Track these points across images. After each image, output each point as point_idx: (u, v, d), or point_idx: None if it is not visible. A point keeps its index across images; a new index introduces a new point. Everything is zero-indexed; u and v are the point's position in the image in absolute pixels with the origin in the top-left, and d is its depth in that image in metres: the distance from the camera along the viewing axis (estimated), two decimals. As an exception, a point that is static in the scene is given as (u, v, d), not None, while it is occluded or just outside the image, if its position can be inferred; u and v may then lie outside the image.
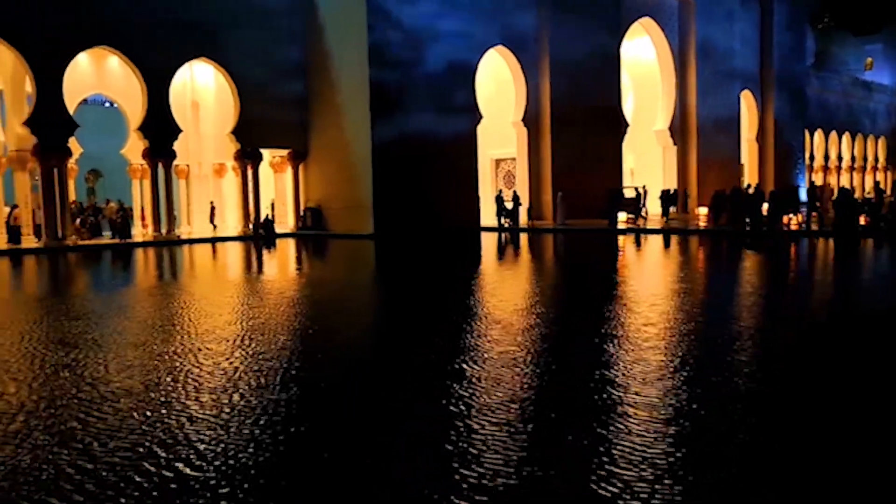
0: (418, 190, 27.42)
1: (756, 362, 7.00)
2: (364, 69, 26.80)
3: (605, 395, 5.67)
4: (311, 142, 29.82)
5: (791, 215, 25.64)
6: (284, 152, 30.18)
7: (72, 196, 27.67)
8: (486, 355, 7.18)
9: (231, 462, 4.41)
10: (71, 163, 26.35)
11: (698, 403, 5.46)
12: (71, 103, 24.80)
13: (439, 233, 26.01)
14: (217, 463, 4.39)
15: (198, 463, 4.39)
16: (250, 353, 7.55)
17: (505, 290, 12.64)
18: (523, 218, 30.58)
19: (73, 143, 25.15)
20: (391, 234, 26.03)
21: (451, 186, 28.35)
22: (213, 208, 31.41)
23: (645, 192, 31.52)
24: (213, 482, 4.11)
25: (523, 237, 26.49)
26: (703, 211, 29.27)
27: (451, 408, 5.46)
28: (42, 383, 6.50)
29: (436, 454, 4.51)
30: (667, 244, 22.12)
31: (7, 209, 26.77)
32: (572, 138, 31.51)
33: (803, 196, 34.83)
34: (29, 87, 23.91)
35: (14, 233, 24.89)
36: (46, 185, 23.98)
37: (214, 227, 30.71)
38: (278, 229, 29.28)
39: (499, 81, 32.33)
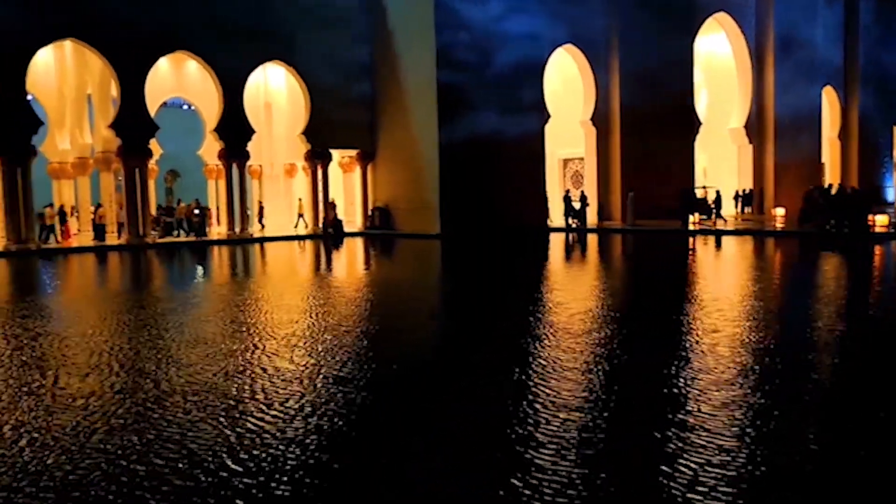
0: (485, 190, 27.39)
1: (838, 374, 6.68)
2: (431, 70, 26.95)
3: (664, 409, 5.51)
4: (379, 142, 30.18)
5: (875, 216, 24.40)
6: (353, 153, 30.66)
7: (152, 196, 28.73)
8: (547, 358, 7.08)
9: (275, 456, 4.49)
10: (151, 163, 27.42)
11: (767, 416, 5.25)
12: (152, 106, 25.83)
13: (506, 233, 25.91)
14: (263, 461, 4.48)
15: (255, 454, 4.49)
16: (313, 350, 7.68)
17: (571, 292, 12.47)
18: (592, 218, 30.15)
19: (153, 144, 26.17)
20: (458, 234, 26.08)
21: (518, 186, 28.21)
22: (261, 208, 32.41)
23: (718, 195, 30.55)
24: (261, 479, 4.19)
25: (592, 238, 26.09)
26: (781, 212, 28.18)
27: (505, 410, 5.41)
28: (119, 376, 6.78)
29: (483, 461, 4.47)
30: (742, 246, 21.40)
31: (92, 208, 28.13)
32: (642, 137, 30.90)
33: (890, 196, 33.13)
34: (114, 90, 25.02)
35: (99, 230, 26.13)
36: (129, 184, 25.06)
37: (262, 226, 31.37)
38: (347, 228, 29.75)
39: (567, 80, 31.98)
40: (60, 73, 28.67)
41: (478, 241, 24.58)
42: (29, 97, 23.67)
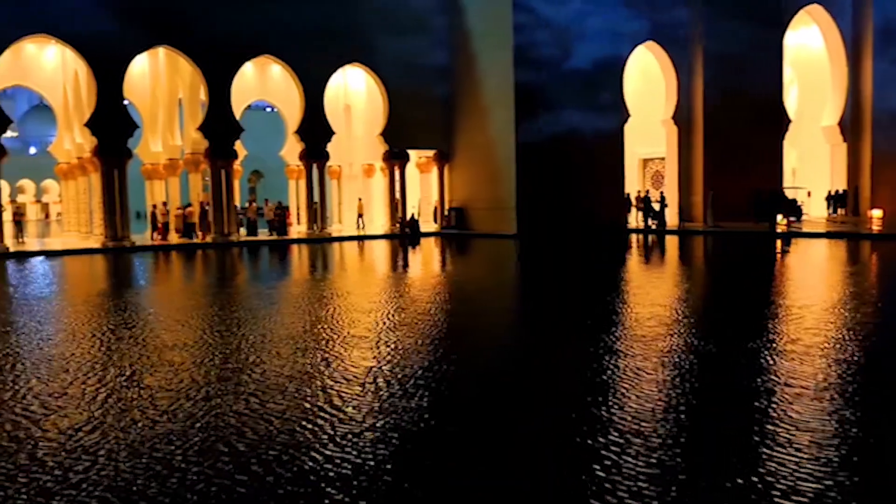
0: (562, 190, 27.10)
1: (942, 383, 6.25)
2: (509, 69, 26.87)
3: (743, 423, 5.28)
4: (456, 143, 30.30)
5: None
6: (430, 153, 30.89)
7: (236, 196, 29.72)
8: (622, 366, 6.92)
9: (346, 453, 4.54)
10: (236, 164, 28.39)
11: (858, 428, 4.96)
12: (237, 109, 26.76)
13: (583, 233, 25.56)
14: (337, 456, 4.54)
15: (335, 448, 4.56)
16: (387, 349, 7.75)
17: (649, 295, 12.15)
18: (672, 219, 29.37)
19: (238, 145, 27.11)
20: (534, 234, 25.90)
21: (596, 186, 27.77)
22: (361, 206, 32.90)
23: (808, 195, 29.19)
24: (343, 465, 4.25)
25: (671, 240, 25.40)
26: (878, 213, 26.66)
27: (576, 417, 5.30)
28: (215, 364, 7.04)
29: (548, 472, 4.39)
30: (835, 250, 20.37)
31: (179, 208, 29.37)
32: (727, 136, 29.89)
33: None
34: (203, 95, 26.04)
35: (188, 229, 27.25)
36: (215, 185, 26.05)
37: (362, 225, 31.93)
38: (423, 228, 29.99)
39: (647, 78, 31.24)
40: (154, 78, 30.04)
41: (554, 242, 24.34)
42: (125, 102, 24.90)
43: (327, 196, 29.80)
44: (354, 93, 33.61)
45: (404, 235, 28.79)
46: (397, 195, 29.89)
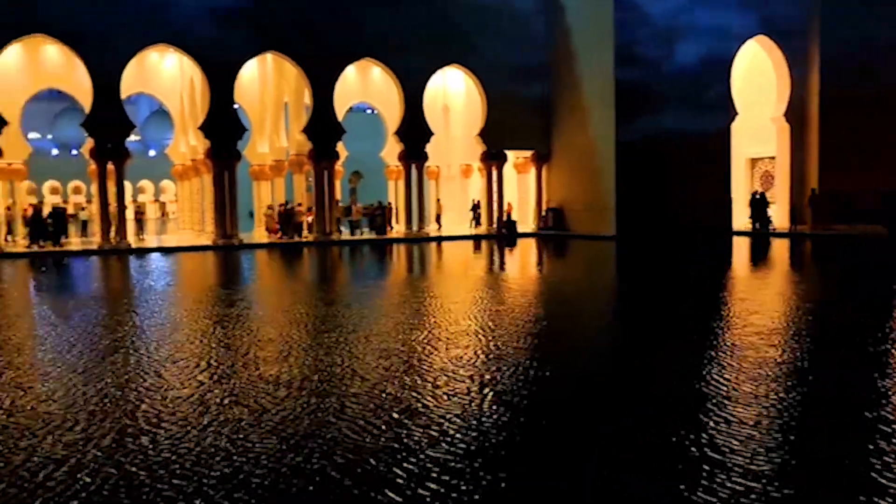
0: (664, 190, 26.30)
1: None
2: (610, 68, 26.33)
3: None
4: (554, 143, 29.98)
5: None
6: (528, 153, 30.72)
7: (337, 196, 30.58)
8: (719, 375, 6.62)
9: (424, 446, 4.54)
10: (338, 165, 29.19)
11: None
12: (339, 111, 27.51)
13: (685, 236, 24.71)
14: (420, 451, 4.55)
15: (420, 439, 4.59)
16: (483, 348, 7.74)
17: (757, 304, 11.58)
18: (782, 222, 27.92)
19: (339, 147, 27.84)
20: (634, 236, 25.28)
21: (700, 187, 26.77)
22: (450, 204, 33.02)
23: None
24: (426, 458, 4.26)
25: (780, 243, 24.15)
26: None
27: (668, 434, 5.11)
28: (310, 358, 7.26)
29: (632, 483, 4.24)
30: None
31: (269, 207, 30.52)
32: (846, 133, 28.11)
33: None
34: (307, 98, 26.95)
35: (293, 227, 28.24)
36: (318, 185, 26.90)
37: (440, 226, 32.14)
38: (520, 229, 29.86)
39: (755, 74, 29.79)
40: (262, 83, 31.36)
41: (655, 243, 23.67)
42: (236, 106, 26.11)
43: (425, 196, 30.16)
44: (453, 94, 33.90)
45: (501, 236, 28.75)
46: (494, 196, 29.89)
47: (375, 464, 4.33)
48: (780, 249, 22.08)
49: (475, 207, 32.85)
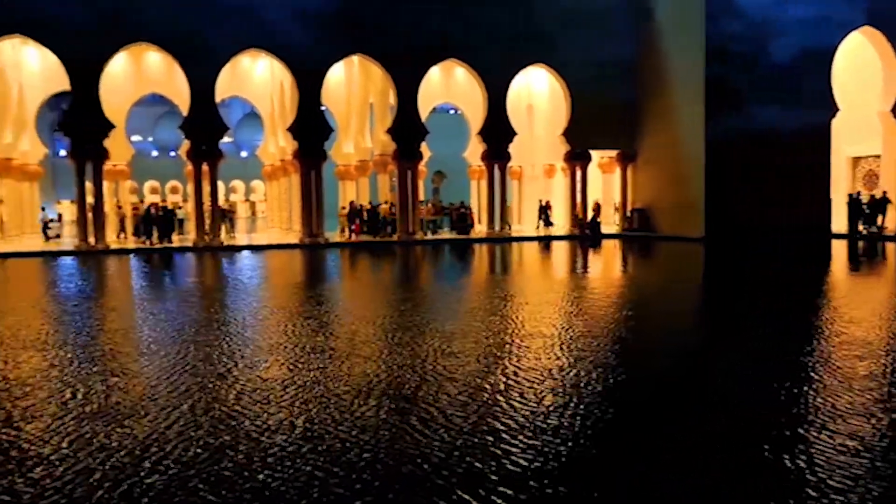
0: (756, 191, 25.26)
1: None
2: (700, 64, 25.49)
3: None
4: (640, 142, 29.30)
5: None
6: (613, 153, 30.15)
7: (420, 196, 30.83)
8: (804, 385, 6.25)
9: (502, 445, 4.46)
10: (421, 165, 29.47)
11: None
12: (423, 112, 27.75)
13: (779, 238, 23.64)
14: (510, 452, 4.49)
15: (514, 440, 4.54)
16: (564, 350, 7.61)
17: (855, 313, 10.93)
18: (892, 224, 26.30)
19: (423, 147, 28.07)
20: (724, 237, 24.40)
21: (796, 187, 25.54)
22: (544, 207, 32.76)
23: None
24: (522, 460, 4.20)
25: (891, 247, 22.70)
26: None
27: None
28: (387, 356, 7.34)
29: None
30: None
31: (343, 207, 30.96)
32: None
33: None
34: (392, 99, 27.33)
35: (377, 225, 28.74)
36: (402, 185, 27.24)
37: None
38: (603, 230, 29.33)
39: (857, 67, 28.14)
40: (348, 85, 32.04)
41: (746, 245, 22.75)
42: (323, 108, 26.76)
43: (508, 196, 30.05)
44: (537, 93, 33.65)
45: (584, 237, 28.32)
46: (578, 196, 29.48)
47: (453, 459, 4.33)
48: (890, 254, 20.79)
49: (543, 209, 32.54)
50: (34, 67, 29.54)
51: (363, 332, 8.81)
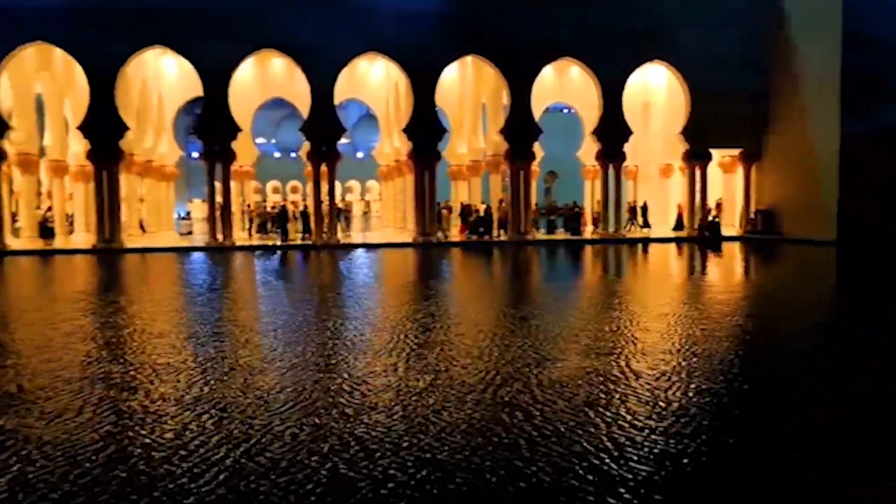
0: (897, 191, 23.36)
1: None
2: (835, 56, 23.87)
3: None
4: (767, 140, 27.80)
5: None
6: (735, 152, 28.80)
7: (532, 196, 30.63)
8: None
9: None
10: (534, 165, 29.25)
11: None
12: (536, 112, 27.54)
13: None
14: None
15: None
16: (677, 356, 7.31)
17: None
18: None
19: (536, 147, 27.86)
20: (859, 241, 22.72)
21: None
22: (645, 207, 31.80)
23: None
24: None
25: None
26: None
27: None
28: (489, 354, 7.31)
29: None
30: None
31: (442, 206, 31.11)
32: None
33: None
34: (505, 99, 27.30)
35: (484, 225, 28.82)
36: (514, 185, 27.15)
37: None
38: (724, 232, 28.04)
39: None
40: (462, 85, 32.29)
41: (885, 250, 21.07)
42: (436, 108, 27.09)
43: (622, 197, 29.31)
44: (654, 90, 32.64)
45: (704, 239, 27.18)
46: (697, 197, 28.33)
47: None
48: None
49: (636, 210, 31.49)
50: (172, 76, 31.70)
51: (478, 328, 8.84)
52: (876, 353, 7.74)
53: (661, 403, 5.58)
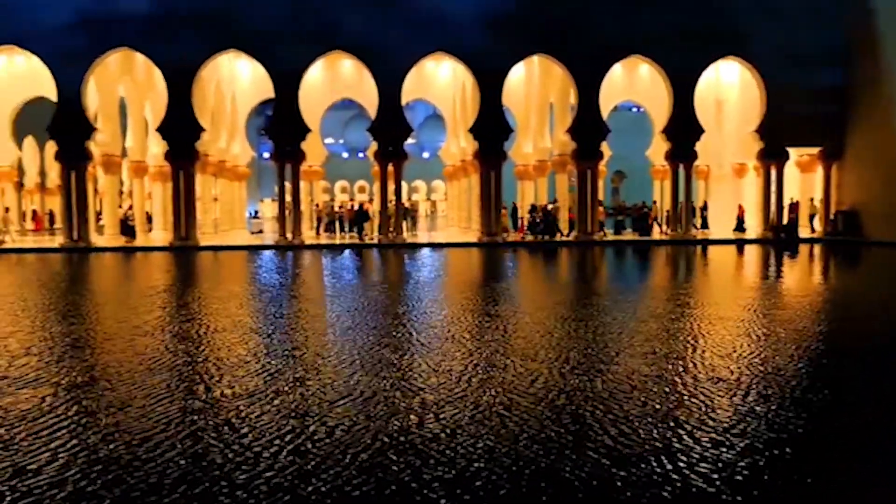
0: None
1: None
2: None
3: None
4: (849, 138, 26.64)
5: None
6: (814, 150, 27.70)
7: (600, 196, 30.20)
8: None
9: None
10: (601, 165, 28.83)
11: None
12: (605, 110, 27.13)
13: None
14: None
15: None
16: (747, 359, 7.06)
17: None
18: None
19: (603, 146, 27.47)
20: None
21: None
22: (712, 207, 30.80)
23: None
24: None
25: None
26: None
27: None
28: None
29: None
30: None
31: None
32: None
33: None
34: (572, 98, 27.00)
35: (550, 226, 28.57)
36: (581, 185, 26.82)
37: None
38: (802, 233, 27.01)
39: None
40: (528, 85, 32.10)
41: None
42: (503, 108, 27.01)
43: (693, 197, 28.59)
44: (727, 87, 31.72)
45: (779, 241, 26.23)
46: (773, 197, 27.37)
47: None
48: None
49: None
50: (245, 78, 32.63)
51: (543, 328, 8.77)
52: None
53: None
